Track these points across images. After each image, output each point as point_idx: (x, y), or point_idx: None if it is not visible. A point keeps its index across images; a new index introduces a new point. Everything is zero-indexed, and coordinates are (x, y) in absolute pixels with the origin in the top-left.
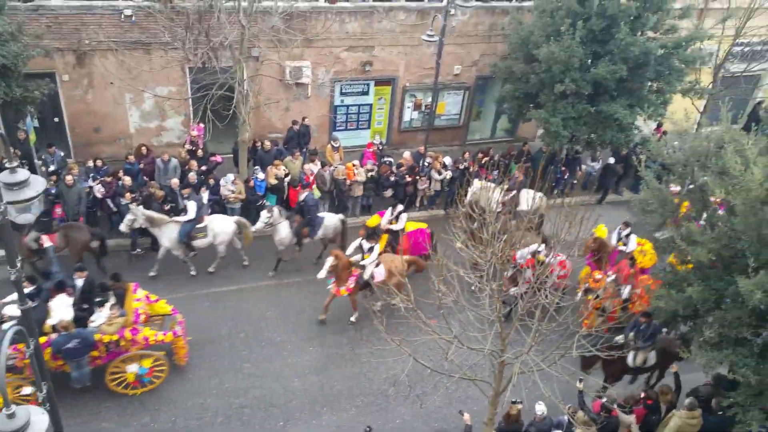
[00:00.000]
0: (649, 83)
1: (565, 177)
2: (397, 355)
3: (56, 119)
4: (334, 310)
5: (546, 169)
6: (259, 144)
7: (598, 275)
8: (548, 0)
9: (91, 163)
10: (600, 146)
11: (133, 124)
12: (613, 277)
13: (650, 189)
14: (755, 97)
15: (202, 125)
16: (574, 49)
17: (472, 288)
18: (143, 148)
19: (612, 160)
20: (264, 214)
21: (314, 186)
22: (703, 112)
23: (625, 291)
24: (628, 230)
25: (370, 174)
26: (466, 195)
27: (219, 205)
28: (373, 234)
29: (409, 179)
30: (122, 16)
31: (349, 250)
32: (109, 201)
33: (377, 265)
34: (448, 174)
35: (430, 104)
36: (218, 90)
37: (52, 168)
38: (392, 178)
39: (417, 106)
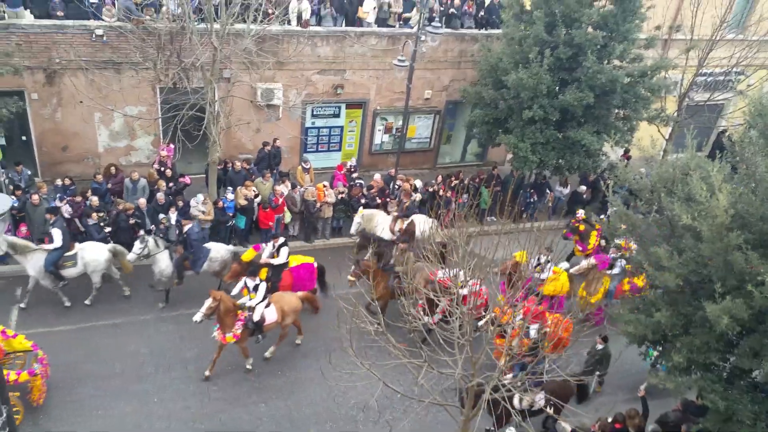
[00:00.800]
0: (616, 110)
1: (534, 200)
2: (367, 380)
3: (24, 137)
4: (305, 334)
5: (516, 193)
6: (229, 165)
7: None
8: (516, 28)
9: (59, 182)
10: (568, 171)
11: (101, 144)
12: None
13: (618, 213)
14: (719, 126)
15: (171, 145)
16: (542, 77)
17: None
18: (112, 167)
19: (583, 188)
20: (137, 244)
21: (285, 207)
22: (669, 139)
23: (533, 330)
24: (548, 256)
25: (340, 196)
26: (437, 218)
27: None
28: (255, 270)
29: (379, 201)
30: (93, 36)
31: (235, 290)
32: (76, 221)
33: (267, 305)
34: (418, 197)
35: (400, 128)
36: (189, 110)
37: (21, 186)
38: (362, 200)
39: (388, 129)
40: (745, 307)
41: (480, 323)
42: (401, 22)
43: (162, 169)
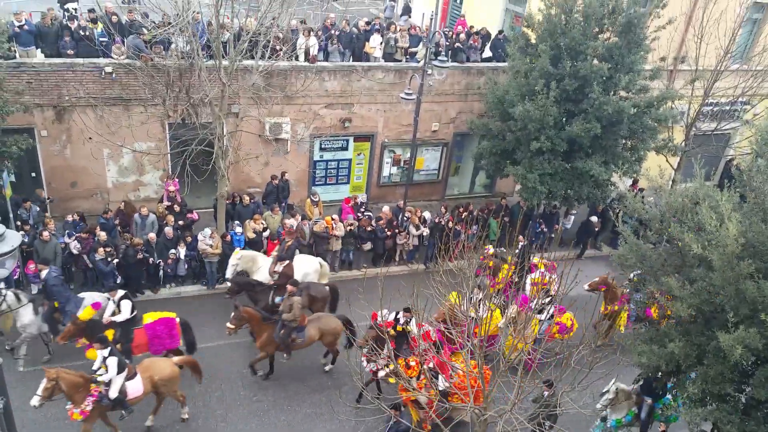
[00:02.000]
0: (623, 141)
1: (543, 231)
2: (378, 414)
3: (33, 174)
4: (312, 365)
5: (525, 224)
6: (237, 199)
7: (411, 361)
8: (522, 61)
9: (70, 218)
10: (577, 202)
11: (110, 179)
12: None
13: (628, 244)
14: (727, 155)
15: (176, 180)
16: (549, 108)
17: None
18: (122, 204)
19: (594, 218)
20: None
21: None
22: (677, 168)
23: (440, 381)
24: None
25: (349, 228)
26: (447, 250)
27: (197, 261)
28: (100, 333)
29: (388, 233)
30: (102, 73)
31: (95, 365)
32: (85, 257)
33: (131, 377)
34: (425, 230)
35: (408, 160)
36: (198, 145)
37: (30, 223)
38: (369, 229)
39: (396, 162)
40: (758, 336)
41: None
42: (408, 57)
43: (171, 204)
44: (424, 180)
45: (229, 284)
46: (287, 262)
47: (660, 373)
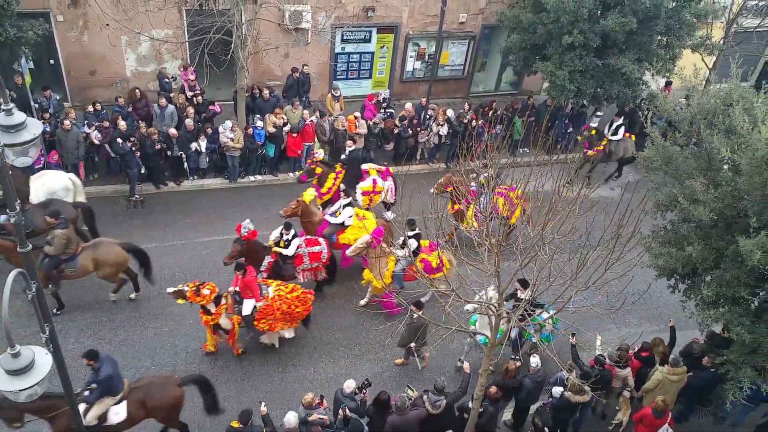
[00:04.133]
0: (659, 37)
1: (569, 131)
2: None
3: (51, 61)
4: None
5: (552, 124)
6: (257, 92)
7: (205, 288)
8: None
9: (90, 108)
10: (606, 101)
11: (129, 68)
12: (236, 289)
13: (655, 146)
14: (767, 54)
15: (192, 69)
16: (584, 0)
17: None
18: (136, 91)
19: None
20: None
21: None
22: (712, 68)
23: (247, 306)
24: (348, 200)
25: (379, 128)
26: (469, 150)
27: (218, 154)
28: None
29: (410, 132)
30: None
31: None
32: (107, 146)
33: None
34: (444, 129)
35: (433, 54)
36: (216, 34)
37: (50, 112)
38: (396, 131)
39: (420, 56)
40: None
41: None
42: None
43: (191, 94)
44: (449, 76)
45: None
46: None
47: (676, 275)
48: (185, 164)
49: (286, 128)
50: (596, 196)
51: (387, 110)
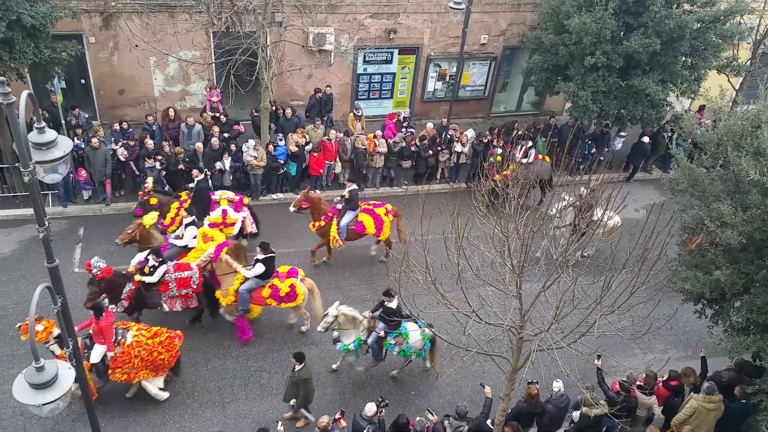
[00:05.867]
0: (683, 58)
1: (593, 152)
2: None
3: (83, 81)
4: (354, 281)
5: (574, 144)
6: (280, 111)
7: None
8: None
9: (117, 126)
10: (630, 122)
11: (157, 88)
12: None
13: (681, 168)
14: None
15: (219, 90)
16: (607, 21)
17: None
18: (170, 111)
19: (646, 139)
20: None
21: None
22: (739, 89)
23: (96, 353)
24: (190, 218)
25: (399, 147)
26: (488, 167)
27: (242, 172)
28: None
29: (431, 152)
30: None
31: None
32: (132, 164)
33: None
34: (465, 148)
35: (454, 74)
36: (242, 55)
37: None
38: (413, 148)
39: (441, 76)
40: None
41: None
42: None
43: (216, 114)
44: (470, 96)
45: None
46: None
47: (703, 300)
48: (209, 182)
49: (308, 147)
50: (621, 218)
51: (408, 129)
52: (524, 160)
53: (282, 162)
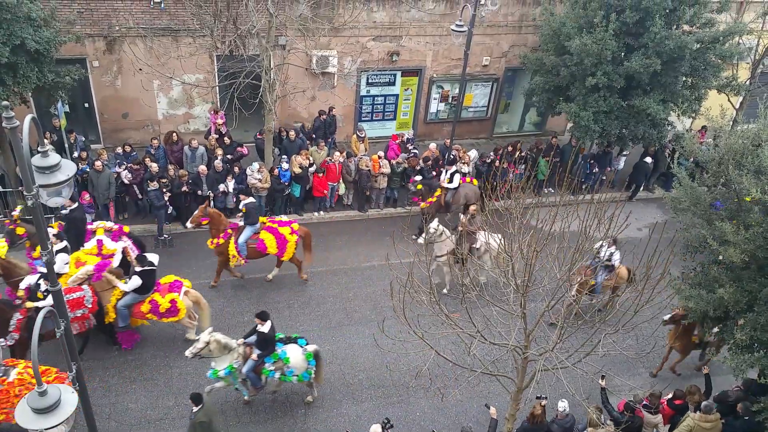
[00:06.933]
0: (684, 78)
1: (595, 172)
2: (420, 348)
3: (86, 105)
4: (358, 302)
5: (575, 164)
6: (284, 133)
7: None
8: None
9: (120, 150)
10: (632, 142)
11: (161, 111)
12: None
13: (683, 187)
14: None
15: (222, 113)
16: (607, 42)
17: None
18: (174, 135)
19: (649, 160)
20: None
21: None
22: (739, 108)
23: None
24: (62, 245)
25: (402, 167)
26: (492, 190)
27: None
28: None
29: (434, 173)
30: (152, 3)
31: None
32: (135, 187)
33: None
34: (468, 168)
35: (457, 96)
36: (245, 78)
37: (75, 154)
38: (417, 168)
39: (444, 98)
40: None
41: None
42: None
43: (219, 136)
44: (473, 117)
45: None
46: None
47: (707, 318)
48: (212, 204)
49: (312, 169)
50: (623, 237)
51: (411, 150)
52: (449, 185)
53: (286, 183)
